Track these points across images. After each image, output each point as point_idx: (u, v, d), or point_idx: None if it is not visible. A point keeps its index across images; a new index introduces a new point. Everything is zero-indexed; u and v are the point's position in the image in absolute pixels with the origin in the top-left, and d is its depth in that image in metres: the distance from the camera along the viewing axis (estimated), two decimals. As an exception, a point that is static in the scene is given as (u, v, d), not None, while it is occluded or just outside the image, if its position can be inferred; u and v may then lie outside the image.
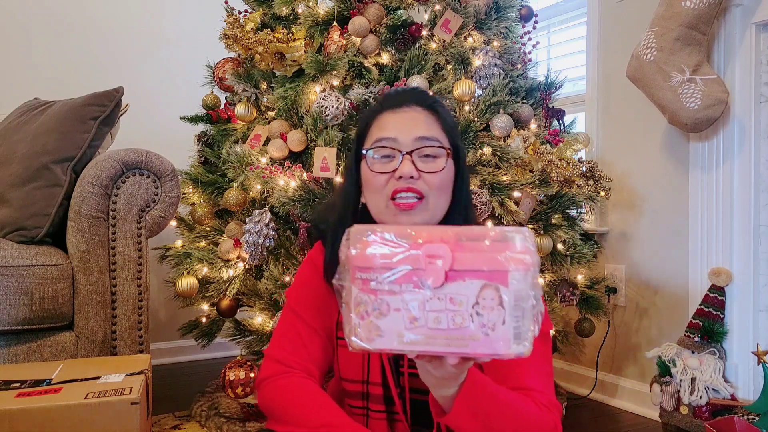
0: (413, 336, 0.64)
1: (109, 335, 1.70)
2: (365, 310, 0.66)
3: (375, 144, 0.98)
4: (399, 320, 0.64)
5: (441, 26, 1.87)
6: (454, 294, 0.63)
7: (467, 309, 0.63)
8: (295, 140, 1.76)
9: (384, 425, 0.99)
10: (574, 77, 2.49)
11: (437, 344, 0.64)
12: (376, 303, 0.65)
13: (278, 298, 1.70)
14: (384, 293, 0.65)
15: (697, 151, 1.97)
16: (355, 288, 0.66)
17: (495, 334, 0.63)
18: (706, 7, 1.80)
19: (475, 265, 0.63)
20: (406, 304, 0.64)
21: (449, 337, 0.64)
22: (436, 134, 0.98)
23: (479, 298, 0.63)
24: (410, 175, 0.94)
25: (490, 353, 0.64)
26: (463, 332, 0.63)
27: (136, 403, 1.22)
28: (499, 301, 0.63)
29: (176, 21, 2.80)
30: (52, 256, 1.65)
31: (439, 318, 0.64)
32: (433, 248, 0.64)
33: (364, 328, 0.66)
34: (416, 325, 0.64)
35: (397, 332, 0.65)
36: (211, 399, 1.96)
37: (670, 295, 2.07)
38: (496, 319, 0.63)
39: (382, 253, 0.65)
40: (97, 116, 1.85)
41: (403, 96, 1.02)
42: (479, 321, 0.63)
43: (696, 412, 1.79)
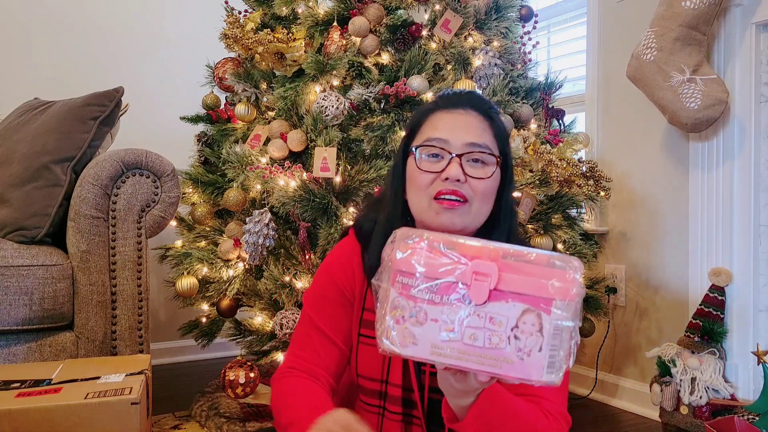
0: (447, 349, 0.64)
1: (109, 335, 1.70)
2: (401, 315, 0.65)
3: (425, 142, 0.98)
4: (435, 331, 0.64)
5: (441, 26, 1.87)
6: (495, 314, 0.63)
7: (506, 331, 0.63)
8: (295, 140, 1.76)
9: (399, 427, 0.99)
10: (574, 77, 2.49)
11: (470, 361, 0.64)
12: (415, 310, 0.65)
13: (278, 298, 1.70)
14: (424, 301, 0.64)
15: (697, 151, 1.97)
16: (394, 291, 0.66)
17: (530, 360, 0.63)
18: (706, 7, 1.80)
19: (520, 288, 0.63)
20: (444, 315, 0.64)
21: (483, 356, 0.64)
22: (487, 141, 0.98)
23: (519, 322, 0.63)
24: (457, 178, 0.94)
25: (522, 378, 0.64)
26: (498, 353, 0.63)
27: (136, 403, 1.22)
28: (539, 328, 0.63)
29: (176, 21, 2.80)
30: (52, 256, 1.65)
31: (476, 335, 0.64)
32: (482, 265, 0.64)
33: (399, 333, 0.65)
34: (452, 338, 0.64)
35: (431, 342, 0.64)
36: (211, 399, 1.96)
37: (670, 295, 2.07)
38: (533, 345, 0.63)
39: (427, 261, 0.65)
40: (97, 116, 1.85)
41: (459, 98, 1.02)
42: (516, 344, 0.63)
43: (696, 412, 1.79)
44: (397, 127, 1.73)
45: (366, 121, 1.76)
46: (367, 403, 1.03)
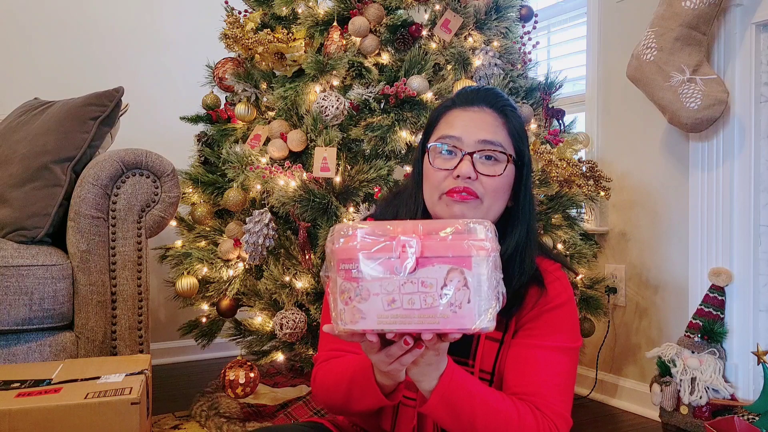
0: (390, 317, 0.73)
1: (109, 335, 1.70)
2: (348, 297, 0.74)
3: (439, 140, 1.00)
4: (378, 303, 0.73)
5: (441, 26, 1.87)
6: (425, 278, 0.72)
7: (437, 290, 0.72)
8: (295, 140, 1.76)
9: (412, 413, 1.00)
10: (574, 77, 2.49)
11: (412, 323, 0.72)
12: (358, 289, 0.73)
13: (278, 298, 1.70)
14: (364, 281, 0.73)
15: (697, 151, 1.97)
16: (339, 278, 0.74)
17: (462, 311, 0.72)
18: (706, 7, 1.80)
19: (442, 252, 0.72)
20: (383, 288, 0.73)
21: (422, 316, 0.72)
22: (500, 138, 0.99)
23: (447, 281, 0.72)
24: (468, 175, 0.95)
25: (459, 328, 0.72)
26: (434, 311, 0.72)
27: (136, 403, 1.22)
28: (464, 283, 0.72)
29: (176, 21, 2.80)
30: (52, 256, 1.65)
31: (412, 300, 0.72)
32: (405, 239, 0.73)
33: (348, 313, 0.74)
34: (393, 307, 0.72)
35: (377, 314, 0.73)
36: (211, 399, 1.96)
37: (670, 295, 2.07)
38: (462, 299, 0.71)
39: (362, 245, 0.74)
40: (97, 116, 1.85)
41: (475, 95, 1.03)
42: (448, 300, 0.72)
43: (696, 412, 1.79)
44: (397, 127, 1.73)
45: (366, 121, 1.76)
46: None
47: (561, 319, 1.00)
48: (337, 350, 1.03)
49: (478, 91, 1.04)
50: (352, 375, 0.94)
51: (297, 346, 1.73)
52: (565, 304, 1.01)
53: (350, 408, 0.97)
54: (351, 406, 0.96)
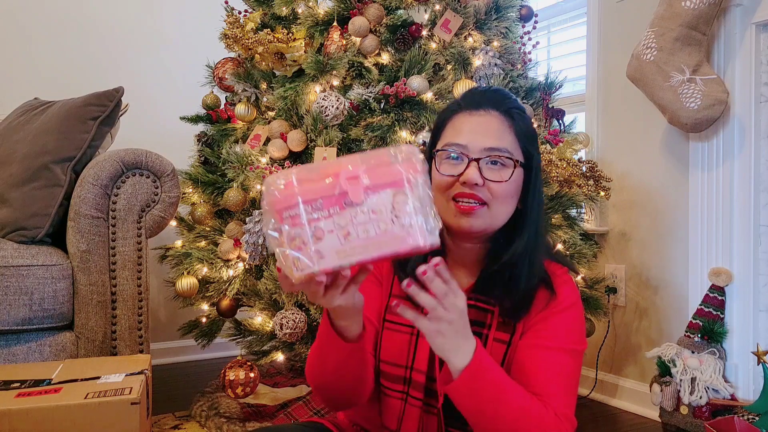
0: (349, 249, 0.73)
1: (109, 335, 1.70)
2: (302, 242, 0.73)
3: (445, 147, 1.00)
4: (335, 240, 0.73)
5: (441, 26, 1.87)
6: (374, 206, 0.74)
7: (387, 215, 0.74)
8: (295, 140, 1.76)
9: (418, 413, 1.00)
10: (574, 77, 2.49)
11: (372, 251, 0.73)
12: (311, 231, 0.73)
13: (278, 298, 1.70)
14: (315, 221, 0.73)
15: (697, 151, 1.97)
16: (285, 226, 0.73)
17: (413, 230, 0.74)
18: (706, 7, 1.80)
19: (383, 179, 0.74)
20: (337, 224, 0.73)
21: (379, 242, 0.73)
22: (507, 143, 0.98)
23: (394, 204, 0.74)
24: (474, 182, 0.95)
25: (413, 247, 0.74)
26: (389, 235, 0.74)
27: (136, 403, 1.22)
28: (410, 204, 0.74)
29: (176, 21, 2.80)
30: (52, 256, 1.65)
31: (367, 229, 0.73)
32: (350, 172, 0.74)
33: (306, 256, 0.73)
34: (350, 239, 0.73)
35: (335, 250, 0.73)
36: (211, 399, 1.95)
37: (670, 295, 2.07)
38: (411, 218, 0.74)
39: (302, 189, 0.74)
40: (97, 116, 1.85)
41: (481, 97, 1.02)
42: (399, 222, 0.74)
43: (696, 412, 1.79)
44: (397, 127, 1.73)
45: (366, 121, 1.76)
46: (388, 388, 1.03)
47: (568, 321, 1.00)
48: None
49: (485, 93, 1.03)
50: (317, 333, 0.94)
51: (297, 346, 1.73)
52: (573, 307, 1.02)
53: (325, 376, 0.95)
54: (325, 371, 0.94)
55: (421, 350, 1.00)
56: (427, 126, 1.74)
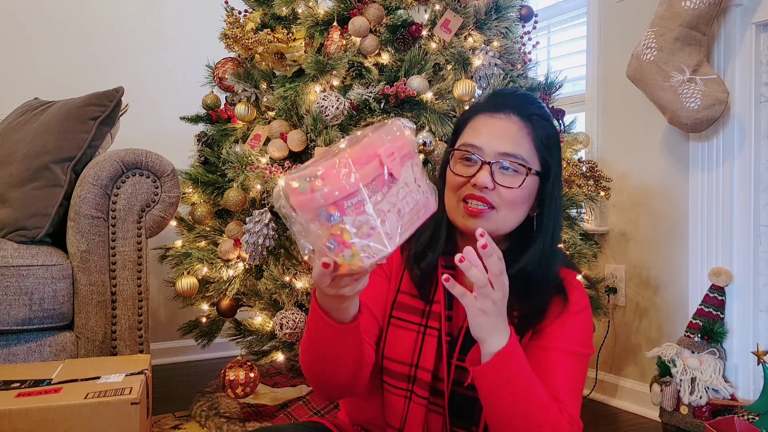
0: (404, 224, 0.75)
1: (109, 335, 1.70)
2: (370, 227, 0.71)
3: (461, 147, 1.00)
4: (393, 219, 0.74)
5: (441, 26, 1.87)
6: (405, 179, 0.76)
7: (414, 186, 0.77)
8: (295, 140, 1.76)
9: (423, 411, 0.99)
10: (574, 77, 2.49)
11: (415, 222, 0.77)
12: (375, 213, 0.71)
13: (278, 298, 1.70)
14: (376, 203, 0.72)
15: (697, 151, 1.97)
16: (350, 216, 0.70)
17: (429, 195, 0.79)
18: (706, 7, 1.80)
19: (402, 151, 0.76)
20: (389, 203, 0.74)
21: (418, 212, 0.77)
22: (523, 150, 0.98)
23: (415, 174, 0.78)
24: (485, 185, 0.95)
25: (433, 209, 0.79)
26: (420, 204, 0.78)
27: (136, 403, 1.22)
28: (420, 173, 0.79)
29: (176, 21, 2.80)
30: (52, 256, 1.65)
31: (407, 202, 0.76)
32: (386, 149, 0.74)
33: (376, 241, 0.71)
34: (402, 215, 0.75)
35: (397, 228, 0.74)
36: (211, 399, 1.96)
37: (670, 295, 2.07)
38: (424, 186, 0.79)
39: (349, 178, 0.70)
40: (97, 116, 1.85)
41: (504, 100, 1.02)
42: (421, 191, 0.78)
43: (696, 412, 1.79)
44: (397, 127, 1.73)
45: (366, 121, 1.76)
46: (392, 386, 1.02)
47: (578, 325, 1.01)
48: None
49: (508, 96, 1.03)
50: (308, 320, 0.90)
51: (297, 346, 1.73)
52: (583, 312, 1.02)
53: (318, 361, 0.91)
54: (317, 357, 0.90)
55: (427, 348, 1.00)
56: (427, 126, 1.74)
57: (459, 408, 0.99)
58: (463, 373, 0.99)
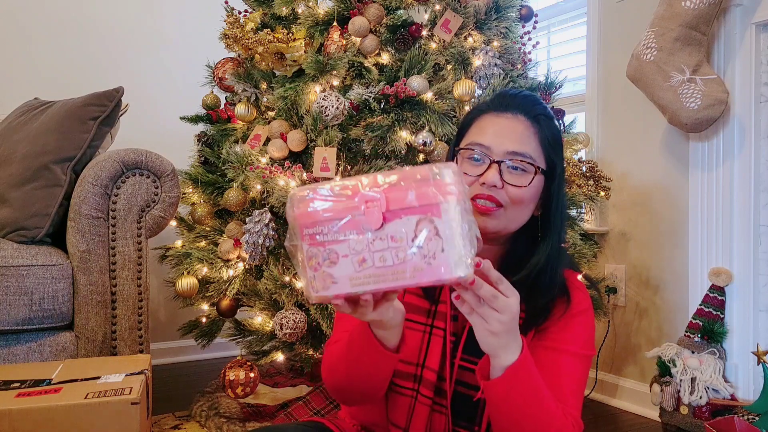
0: (363, 277, 0.70)
1: (109, 335, 1.70)
2: (317, 262, 0.71)
3: (469, 146, 1.00)
4: (349, 265, 0.70)
5: (441, 26, 1.87)
6: (394, 232, 0.69)
7: (408, 244, 0.69)
8: (295, 140, 1.76)
9: (427, 411, 1.00)
10: (574, 77, 2.49)
11: (387, 281, 0.69)
12: (326, 253, 0.70)
13: (278, 298, 1.70)
14: (331, 243, 0.70)
15: (697, 151, 1.97)
16: (305, 244, 0.71)
17: (436, 262, 0.68)
18: (706, 7, 1.80)
19: (408, 203, 0.68)
20: (352, 249, 0.70)
21: (396, 272, 0.69)
22: (530, 149, 0.98)
23: (417, 232, 0.68)
24: (494, 184, 0.95)
25: (436, 279, 0.69)
26: (408, 265, 0.69)
27: (136, 403, 1.22)
28: (435, 232, 0.68)
29: (176, 21, 2.80)
30: (52, 256, 1.65)
31: (384, 256, 0.69)
32: (368, 194, 0.69)
33: (319, 279, 0.71)
34: (365, 267, 0.69)
35: (348, 277, 0.70)
36: (211, 399, 1.96)
37: (670, 295, 2.07)
38: (435, 248, 0.68)
39: (324, 208, 0.71)
40: (97, 116, 1.85)
41: (510, 100, 1.02)
42: (420, 253, 0.68)
43: (696, 412, 1.79)
44: (397, 127, 1.73)
45: (366, 121, 1.76)
46: (399, 386, 1.03)
47: (581, 326, 1.01)
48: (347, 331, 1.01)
49: (515, 96, 1.03)
50: (351, 335, 0.93)
51: (297, 346, 1.73)
52: (585, 312, 1.02)
53: (353, 378, 0.94)
54: (353, 374, 0.93)
55: (433, 348, 1.01)
56: (427, 126, 1.74)
57: (461, 407, 0.99)
58: (466, 372, 0.99)
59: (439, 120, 1.73)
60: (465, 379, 0.99)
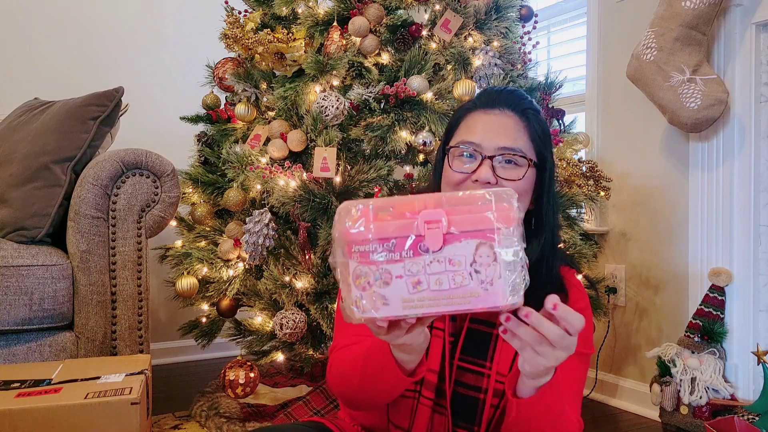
0: (417, 300, 0.68)
1: (109, 335, 1.70)
2: (367, 282, 0.68)
3: (459, 144, 0.99)
4: (402, 287, 0.67)
5: (441, 26, 1.87)
6: (453, 255, 0.67)
7: (466, 268, 0.67)
8: (295, 140, 1.76)
9: (429, 412, 1.00)
10: (574, 77, 2.49)
11: (441, 305, 0.68)
12: (378, 273, 0.67)
13: (278, 298, 1.70)
14: (385, 262, 0.67)
15: (697, 151, 1.97)
16: (353, 262, 0.68)
17: (493, 288, 0.67)
18: (706, 7, 1.80)
19: (468, 226, 0.67)
20: (408, 270, 0.67)
21: (452, 297, 0.67)
22: (521, 143, 0.98)
23: (476, 257, 0.67)
24: (487, 180, 0.95)
25: (491, 306, 0.68)
26: (465, 290, 0.67)
27: (136, 403, 1.22)
28: (494, 258, 0.67)
29: (176, 21, 2.80)
30: (52, 256, 1.65)
31: (440, 280, 0.67)
32: (430, 214, 0.68)
33: (368, 299, 0.68)
34: (419, 289, 0.67)
35: (401, 298, 0.68)
36: (211, 399, 1.95)
37: (670, 295, 2.07)
38: (494, 275, 0.67)
39: (377, 225, 0.68)
40: (97, 116, 1.85)
41: (497, 96, 1.02)
42: (478, 278, 0.67)
43: (696, 412, 1.79)
44: (396, 127, 1.73)
45: (366, 121, 1.76)
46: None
47: None
48: (356, 335, 1.01)
49: (501, 92, 1.03)
50: (368, 351, 0.91)
51: (297, 346, 1.73)
52: (583, 311, 1.01)
53: (365, 392, 0.94)
54: (366, 389, 0.93)
55: (433, 349, 1.00)
56: (427, 126, 1.74)
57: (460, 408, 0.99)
58: (465, 373, 0.99)
59: (439, 120, 1.73)
60: (464, 380, 0.99)
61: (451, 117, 1.07)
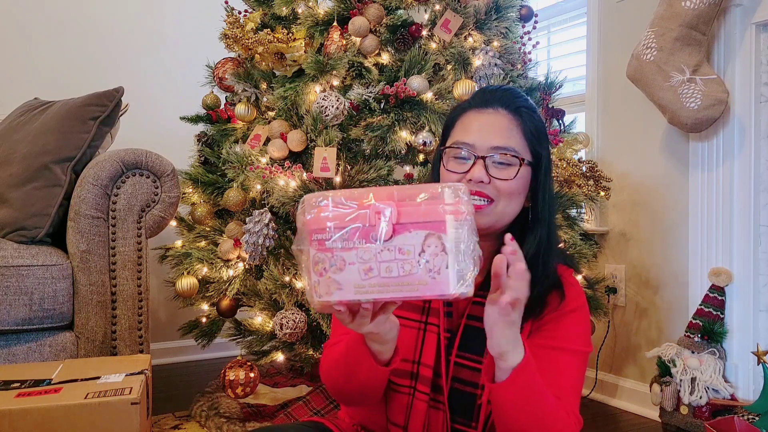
0: (368, 286, 0.72)
1: (109, 335, 1.70)
2: (323, 268, 0.73)
3: (453, 145, 1.01)
4: (355, 273, 0.72)
5: (441, 26, 1.87)
6: (402, 245, 0.72)
7: (414, 257, 0.71)
8: (295, 140, 1.76)
9: (425, 408, 1.00)
10: (574, 77, 2.49)
11: (390, 291, 0.72)
12: (333, 260, 0.72)
13: (278, 298, 1.70)
14: (339, 250, 0.72)
15: (697, 151, 1.97)
16: (312, 249, 0.73)
17: (440, 277, 0.71)
18: (706, 7, 1.80)
19: (418, 218, 0.71)
20: (360, 257, 0.72)
21: (401, 284, 0.72)
22: (514, 142, 0.99)
23: (424, 246, 0.71)
24: (480, 179, 0.97)
25: (438, 293, 0.72)
26: (413, 278, 0.72)
27: (136, 403, 1.22)
28: (442, 248, 0.71)
29: (176, 21, 2.80)
30: (52, 256, 1.65)
31: (390, 267, 0.72)
32: (380, 206, 0.72)
33: (323, 284, 0.73)
34: (370, 276, 0.72)
35: (354, 284, 0.72)
36: (211, 399, 1.96)
37: (670, 295, 2.07)
38: (441, 264, 0.71)
39: (335, 215, 0.73)
40: (97, 116, 1.85)
41: (491, 96, 1.03)
42: (426, 267, 0.71)
43: (696, 412, 1.79)
44: (396, 127, 1.73)
45: (366, 121, 1.76)
46: (396, 383, 1.03)
47: (575, 322, 1.01)
48: (347, 333, 1.02)
49: (495, 91, 1.04)
50: (347, 344, 0.94)
51: (297, 346, 1.73)
52: (580, 309, 1.02)
53: (350, 383, 0.96)
54: (350, 380, 0.95)
55: (428, 345, 1.01)
56: (427, 126, 1.74)
57: (458, 404, 0.99)
58: (462, 369, 0.99)
59: (439, 120, 1.73)
60: (461, 376, 1.00)
61: (447, 117, 1.08)
